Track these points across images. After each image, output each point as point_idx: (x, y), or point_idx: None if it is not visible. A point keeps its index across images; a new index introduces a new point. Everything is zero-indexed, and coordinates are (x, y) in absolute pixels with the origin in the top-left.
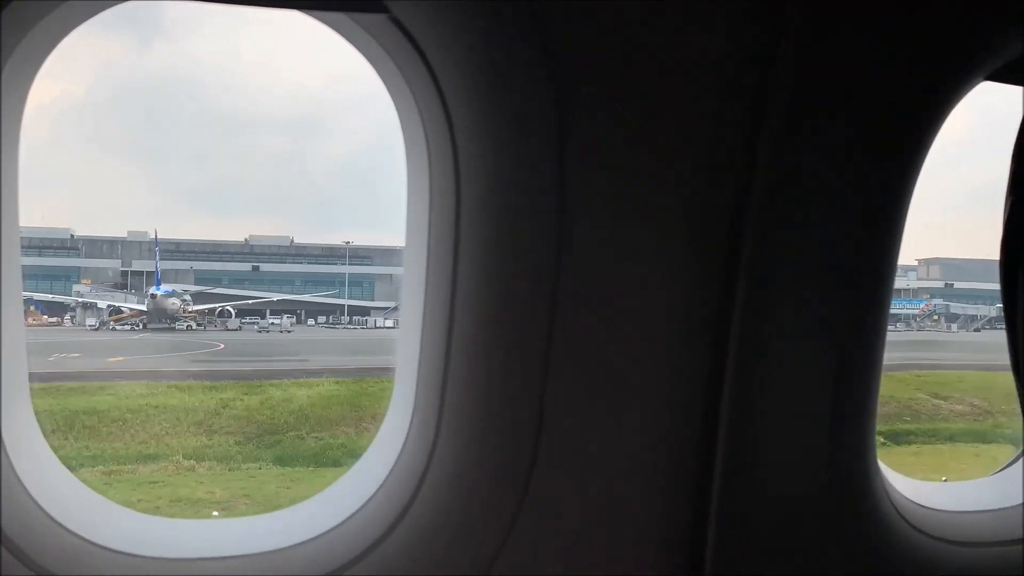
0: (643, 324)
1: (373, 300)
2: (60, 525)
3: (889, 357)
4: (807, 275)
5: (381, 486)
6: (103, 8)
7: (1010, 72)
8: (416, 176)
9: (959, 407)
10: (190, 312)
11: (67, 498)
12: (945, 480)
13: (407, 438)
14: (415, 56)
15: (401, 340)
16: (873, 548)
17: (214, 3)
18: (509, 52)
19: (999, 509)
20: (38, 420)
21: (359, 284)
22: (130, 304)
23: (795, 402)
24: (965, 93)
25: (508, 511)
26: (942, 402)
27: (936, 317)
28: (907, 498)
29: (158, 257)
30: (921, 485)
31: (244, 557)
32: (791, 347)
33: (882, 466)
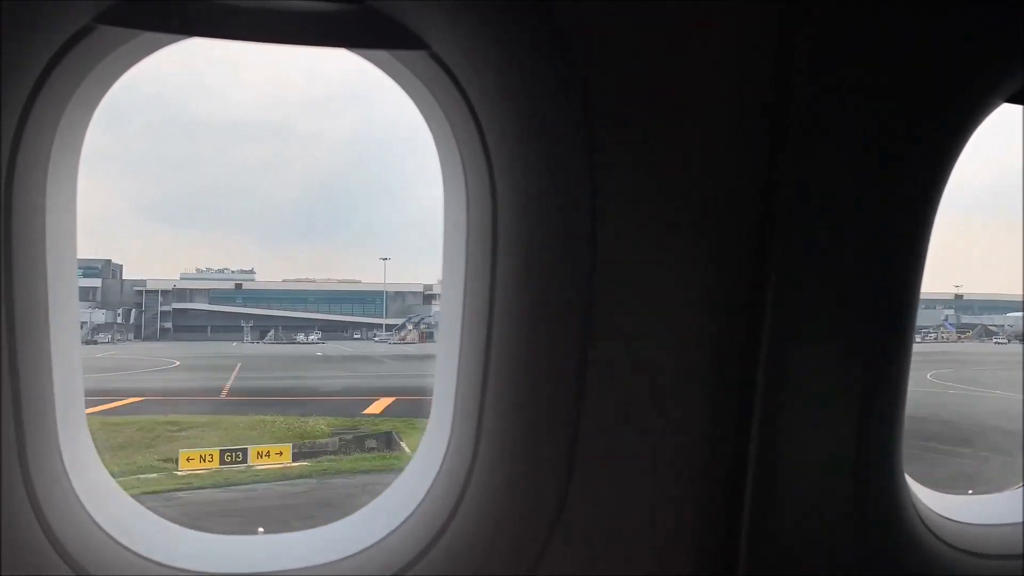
0: (674, 341)
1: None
2: (117, 542)
3: None
4: (834, 290)
5: (420, 503)
6: (160, 47)
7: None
8: (453, 200)
9: None
10: None
11: (123, 517)
12: (971, 492)
13: (446, 455)
14: (453, 88)
15: (439, 359)
16: (901, 560)
17: (265, 43)
18: (540, 80)
19: None
20: None
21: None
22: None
23: (824, 417)
24: (985, 116)
25: (545, 527)
26: None
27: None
28: (934, 511)
29: None
30: (947, 498)
31: (286, 573)
32: (819, 364)
33: (909, 480)
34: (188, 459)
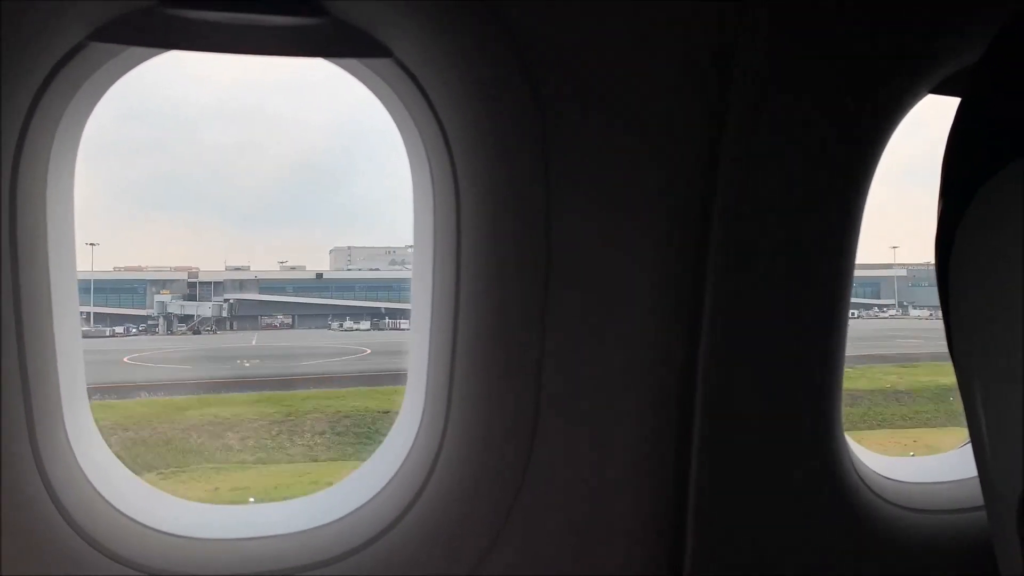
0: (623, 322)
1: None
2: (121, 513)
3: None
4: (772, 265)
5: (395, 475)
6: (146, 59)
7: (947, 84)
8: (421, 197)
9: None
10: None
11: (126, 489)
12: (912, 455)
13: (418, 431)
14: (417, 93)
15: (412, 343)
16: (840, 517)
17: (237, 54)
18: (496, 81)
19: (960, 480)
20: None
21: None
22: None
23: (764, 384)
24: (914, 103)
25: (508, 496)
26: None
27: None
28: (874, 471)
29: None
30: (888, 460)
31: (276, 537)
32: (759, 332)
33: (849, 441)
34: None
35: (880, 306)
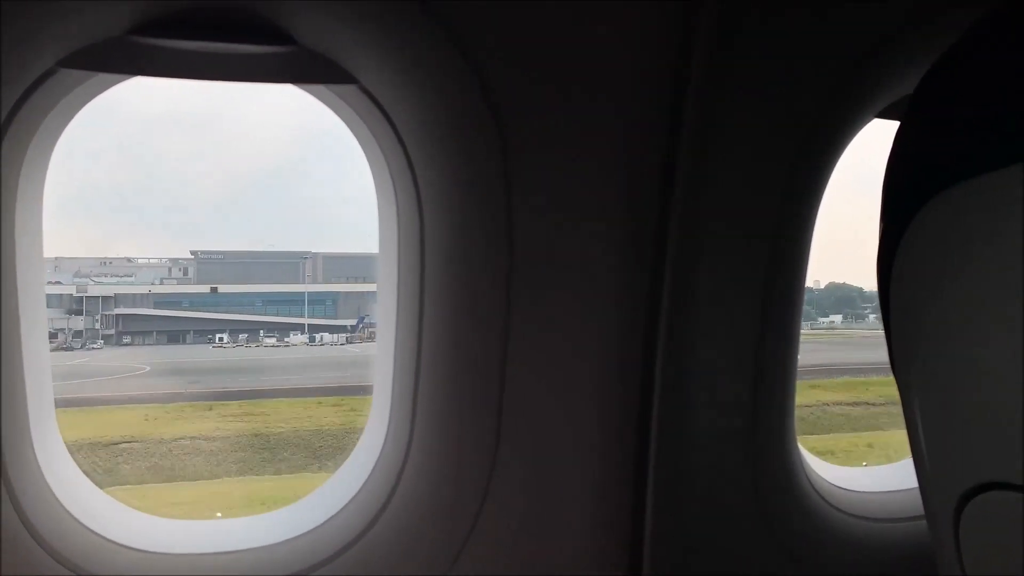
0: (583, 326)
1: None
2: (87, 528)
3: None
4: (727, 269)
5: (363, 486)
6: (114, 84)
7: (893, 109)
8: (386, 218)
9: None
10: None
11: (93, 506)
12: (866, 465)
13: (384, 445)
14: (382, 118)
15: (378, 357)
16: (792, 525)
17: (211, 80)
18: (459, 110)
19: (911, 488)
20: None
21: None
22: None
23: (719, 393)
24: (871, 113)
25: (475, 501)
26: None
27: None
28: (826, 480)
29: None
30: (840, 469)
31: (243, 551)
32: (714, 342)
33: (803, 451)
34: None
35: None
